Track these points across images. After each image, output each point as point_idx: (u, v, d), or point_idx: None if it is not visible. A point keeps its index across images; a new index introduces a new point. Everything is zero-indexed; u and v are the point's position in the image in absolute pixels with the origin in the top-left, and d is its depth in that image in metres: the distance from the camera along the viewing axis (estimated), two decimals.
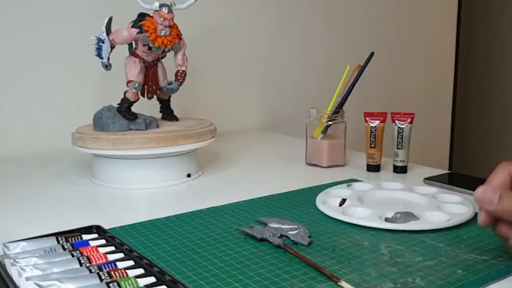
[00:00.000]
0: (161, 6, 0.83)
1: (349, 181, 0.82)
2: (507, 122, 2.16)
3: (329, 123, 0.95)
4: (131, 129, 0.85)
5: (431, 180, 0.83)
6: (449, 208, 0.67)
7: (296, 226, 0.61)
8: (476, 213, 0.65)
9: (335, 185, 0.79)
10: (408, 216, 0.63)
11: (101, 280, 0.43)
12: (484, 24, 2.22)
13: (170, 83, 0.91)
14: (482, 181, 0.82)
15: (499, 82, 2.20)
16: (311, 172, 0.93)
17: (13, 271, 0.45)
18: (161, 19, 0.83)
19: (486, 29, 2.22)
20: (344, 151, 0.97)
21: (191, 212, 0.69)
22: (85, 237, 0.54)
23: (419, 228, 0.60)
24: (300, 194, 0.77)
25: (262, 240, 0.58)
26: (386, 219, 0.64)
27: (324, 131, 0.96)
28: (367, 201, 0.72)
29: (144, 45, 0.84)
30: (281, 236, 0.59)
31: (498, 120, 2.19)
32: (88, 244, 0.52)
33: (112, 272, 0.44)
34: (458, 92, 2.22)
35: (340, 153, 0.97)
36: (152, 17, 0.84)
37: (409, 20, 1.84)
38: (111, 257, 0.49)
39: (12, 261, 0.47)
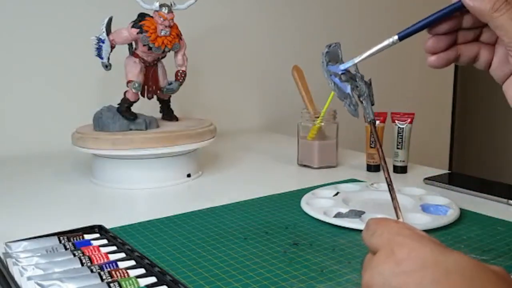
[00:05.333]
0: (161, 6, 0.83)
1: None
2: (507, 122, 2.16)
3: (322, 124, 0.95)
4: (131, 129, 0.86)
5: (431, 180, 0.83)
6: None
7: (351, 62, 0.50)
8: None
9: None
10: (356, 213, 0.65)
11: (102, 280, 0.43)
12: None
13: (170, 83, 0.91)
14: (482, 181, 0.83)
15: None
16: (304, 173, 0.93)
17: (14, 271, 0.45)
18: (161, 19, 0.83)
19: None
20: (336, 152, 0.97)
21: (191, 212, 0.69)
22: (87, 237, 0.55)
23: None
24: (301, 194, 0.77)
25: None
26: (337, 215, 0.65)
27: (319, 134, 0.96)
28: (352, 203, 0.71)
29: (144, 45, 0.84)
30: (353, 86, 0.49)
31: (498, 120, 2.19)
32: (90, 244, 0.52)
33: (113, 272, 0.44)
34: (458, 92, 2.22)
35: (332, 154, 0.96)
36: (152, 17, 0.84)
37: (409, 20, 1.84)
38: (112, 257, 0.49)
39: (14, 260, 0.47)
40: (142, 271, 0.46)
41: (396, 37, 0.51)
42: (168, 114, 0.96)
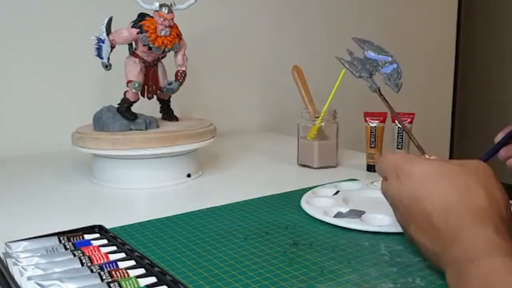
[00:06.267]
0: (161, 6, 0.83)
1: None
2: (507, 122, 2.16)
3: (322, 124, 0.95)
4: (131, 129, 0.86)
5: None
6: None
7: (390, 59, 0.61)
8: None
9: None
10: (356, 213, 0.64)
11: (102, 280, 0.43)
12: (484, 23, 2.22)
13: (170, 83, 0.91)
14: None
15: (499, 82, 2.20)
16: (304, 173, 0.93)
17: (14, 271, 0.45)
18: (161, 19, 0.83)
19: (486, 28, 2.22)
20: (336, 152, 0.97)
21: (191, 212, 0.70)
22: (87, 237, 0.55)
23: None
24: (301, 194, 0.77)
25: (360, 77, 0.59)
26: (337, 215, 0.65)
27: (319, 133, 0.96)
28: (352, 202, 0.71)
29: (144, 45, 0.84)
30: (372, 73, 0.58)
31: (499, 120, 2.19)
32: (90, 244, 0.52)
33: (113, 272, 0.44)
34: (458, 92, 2.22)
35: (332, 154, 0.96)
36: (152, 17, 0.84)
37: (409, 20, 1.84)
38: (112, 257, 0.49)
39: (14, 260, 0.47)
40: (142, 271, 0.46)
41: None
42: (168, 114, 0.96)
